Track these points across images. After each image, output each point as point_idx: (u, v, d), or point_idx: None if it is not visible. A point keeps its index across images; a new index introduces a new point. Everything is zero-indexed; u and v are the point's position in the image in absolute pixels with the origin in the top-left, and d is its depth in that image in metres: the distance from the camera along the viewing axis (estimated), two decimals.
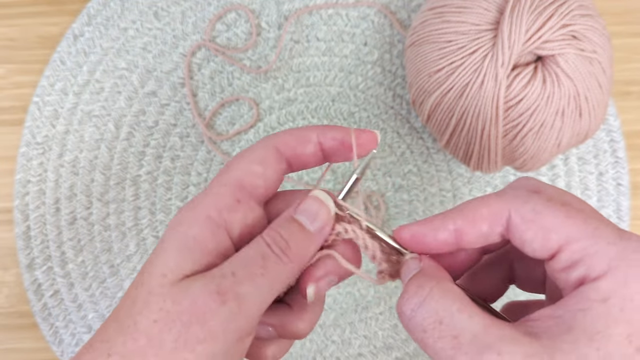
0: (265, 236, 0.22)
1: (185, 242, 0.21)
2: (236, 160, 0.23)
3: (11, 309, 0.47)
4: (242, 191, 0.23)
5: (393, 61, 0.47)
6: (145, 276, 0.21)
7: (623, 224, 0.46)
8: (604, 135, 0.46)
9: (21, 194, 0.47)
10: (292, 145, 0.24)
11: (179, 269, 0.21)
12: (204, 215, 0.22)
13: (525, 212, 0.20)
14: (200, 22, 0.48)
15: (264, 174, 0.23)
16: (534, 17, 0.35)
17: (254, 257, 0.21)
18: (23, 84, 0.48)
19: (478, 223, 0.21)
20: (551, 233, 0.20)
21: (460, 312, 0.19)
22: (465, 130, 0.38)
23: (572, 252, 0.19)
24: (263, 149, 0.23)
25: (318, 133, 0.24)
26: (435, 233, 0.22)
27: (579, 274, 0.19)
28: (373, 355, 0.45)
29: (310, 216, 0.23)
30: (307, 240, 0.22)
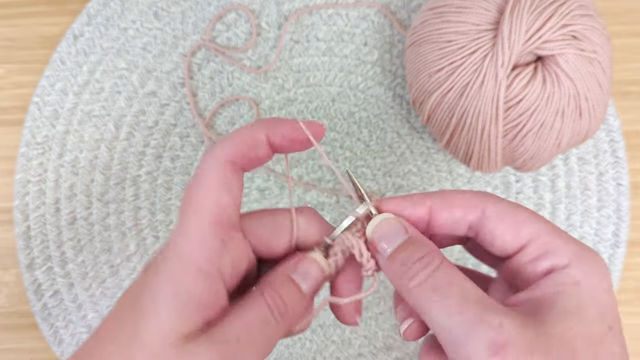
0: (267, 297, 0.22)
1: (180, 299, 0.21)
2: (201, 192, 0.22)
3: (11, 309, 0.47)
4: (222, 228, 0.22)
5: (393, 61, 0.47)
6: (141, 330, 0.20)
7: (623, 224, 0.46)
8: (604, 135, 0.46)
9: (21, 194, 0.47)
10: (243, 152, 0.23)
11: (178, 330, 0.20)
12: (195, 269, 0.21)
13: (500, 207, 0.23)
14: (200, 22, 0.48)
15: (233, 198, 0.22)
16: (534, 17, 0.35)
17: (256, 323, 0.22)
18: (23, 84, 0.48)
19: (454, 207, 0.23)
20: (522, 226, 0.22)
21: (467, 280, 0.21)
22: (465, 130, 0.38)
23: (541, 243, 0.22)
24: (219, 170, 0.22)
25: (267, 132, 0.23)
26: (414, 207, 0.23)
27: (547, 264, 0.21)
28: (373, 355, 0.45)
29: (306, 280, 0.23)
30: (302, 301, 0.23)
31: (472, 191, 0.24)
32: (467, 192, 0.23)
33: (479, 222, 0.23)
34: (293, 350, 0.46)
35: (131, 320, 0.21)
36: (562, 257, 0.21)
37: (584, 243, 0.22)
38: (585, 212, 0.46)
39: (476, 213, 0.23)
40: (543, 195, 0.46)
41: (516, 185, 0.46)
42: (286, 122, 0.23)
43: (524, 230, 0.22)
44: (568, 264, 0.21)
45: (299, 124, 0.23)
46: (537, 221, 0.22)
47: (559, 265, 0.21)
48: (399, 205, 0.24)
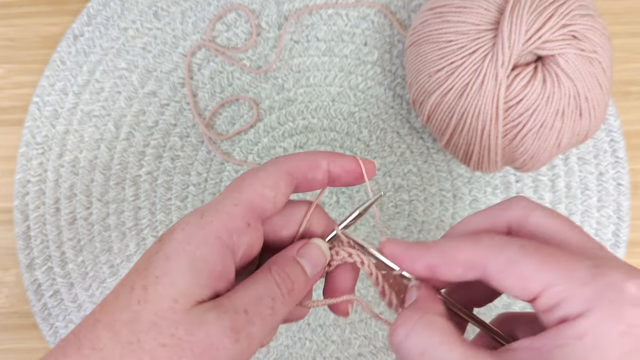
0: (275, 274, 0.23)
1: (195, 264, 0.21)
2: (249, 180, 0.24)
3: (11, 309, 0.47)
4: (252, 214, 0.23)
5: (393, 61, 0.47)
6: (150, 293, 0.20)
7: (623, 224, 0.46)
8: (604, 135, 0.46)
9: (21, 194, 0.47)
10: (303, 171, 0.25)
11: (191, 294, 0.21)
12: (214, 236, 0.22)
13: (500, 263, 0.21)
14: (200, 22, 0.48)
15: (274, 198, 0.24)
16: (534, 17, 0.35)
17: (265, 297, 0.22)
18: (23, 84, 0.48)
19: (453, 266, 0.22)
20: (528, 282, 0.21)
21: (441, 345, 0.20)
22: (465, 130, 0.38)
23: (550, 297, 0.20)
24: (276, 173, 0.24)
25: (328, 160, 0.25)
26: (412, 262, 0.23)
27: (559, 314, 0.20)
28: (373, 355, 0.45)
29: (310, 262, 0.25)
30: (306, 283, 0.24)
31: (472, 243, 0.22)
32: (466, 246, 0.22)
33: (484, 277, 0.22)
34: (293, 351, 0.46)
35: (140, 283, 0.21)
36: (574, 307, 0.20)
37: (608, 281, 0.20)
38: (586, 212, 0.46)
39: (477, 272, 0.22)
40: (543, 195, 0.46)
41: (516, 185, 0.46)
42: (346, 156, 0.26)
43: (532, 284, 0.20)
44: (580, 314, 0.19)
45: (358, 159, 0.26)
46: (547, 270, 0.20)
47: (572, 315, 0.20)
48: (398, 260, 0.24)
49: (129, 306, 0.21)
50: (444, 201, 0.46)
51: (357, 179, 0.26)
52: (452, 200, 0.46)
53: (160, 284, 0.21)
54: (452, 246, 0.23)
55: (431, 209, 0.46)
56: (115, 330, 0.20)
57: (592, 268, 0.20)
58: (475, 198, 0.46)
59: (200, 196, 0.47)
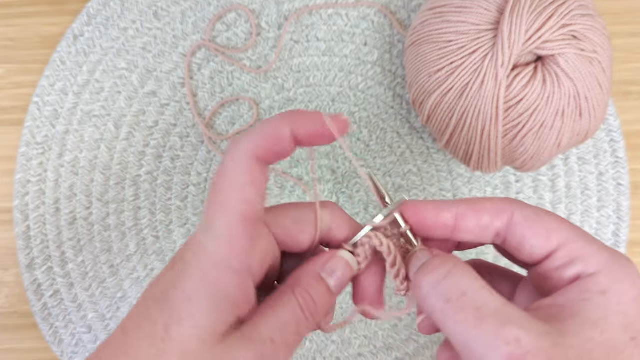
0: (298, 297, 0.22)
1: (215, 298, 0.21)
2: (227, 188, 0.21)
3: (11, 309, 0.47)
4: (250, 225, 0.21)
5: (393, 61, 0.47)
6: (173, 331, 0.20)
7: (623, 224, 0.46)
8: (604, 135, 0.46)
9: (21, 194, 0.47)
10: (269, 147, 0.22)
11: (214, 329, 0.20)
12: (226, 267, 0.21)
13: (528, 212, 0.22)
14: (200, 22, 0.48)
15: (259, 192, 0.22)
16: (534, 17, 0.35)
17: (289, 323, 0.22)
18: (23, 84, 0.48)
19: (481, 212, 0.23)
20: (552, 232, 0.22)
21: (483, 289, 0.20)
22: (465, 130, 0.38)
23: (570, 250, 0.21)
24: (245, 164, 0.22)
25: (291, 126, 0.22)
26: (438, 212, 0.23)
27: (575, 270, 0.21)
28: (373, 355, 0.45)
29: (334, 277, 0.24)
30: (330, 299, 0.24)
31: (499, 198, 0.23)
32: (494, 199, 0.23)
33: (507, 227, 0.23)
34: None
35: (162, 318, 0.20)
36: (591, 264, 0.21)
37: (617, 250, 0.21)
38: (586, 212, 0.46)
39: (504, 218, 0.23)
40: (543, 195, 0.46)
41: (516, 185, 0.46)
42: (311, 116, 0.23)
43: (553, 237, 0.22)
44: (597, 271, 0.21)
45: (324, 117, 0.22)
46: (567, 228, 0.22)
47: (587, 273, 0.21)
48: (423, 210, 0.23)
49: (153, 344, 0.20)
50: None
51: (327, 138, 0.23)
52: None
53: (184, 323, 0.20)
54: (480, 199, 0.23)
55: None
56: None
57: (603, 244, 0.22)
58: None
59: (200, 196, 0.47)
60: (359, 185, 0.46)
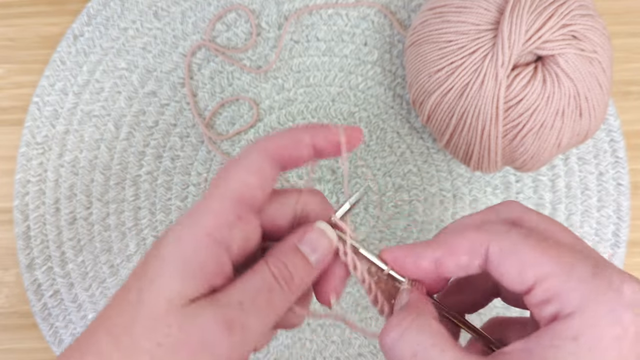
0: (271, 265, 0.22)
1: (187, 263, 0.21)
2: (233, 170, 0.23)
3: (11, 309, 0.47)
4: (242, 206, 0.22)
5: (393, 61, 0.47)
6: (145, 295, 0.21)
7: (623, 224, 0.46)
8: (604, 135, 0.46)
9: (21, 194, 0.47)
10: (286, 150, 0.23)
11: (185, 294, 0.21)
12: (204, 234, 0.21)
13: (503, 246, 0.21)
14: (200, 22, 0.48)
15: (261, 184, 0.23)
16: (534, 17, 0.35)
17: (261, 289, 0.22)
18: (23, 84, 0.48)
19: (457, 254, 0.22)
20: (527, 268, 0.20)
21: (434, 347, 0.20)
22: (465, 130, 0.38)
23: (546, 288, 0.20)
24: (258, 157, 0.23)
25: (311, 134, 0.24)
26: (416, 261, 0.23)
27: (552, 309, 0.20)
28: (373, 356, 0.45)
29: (314, 249, 0.23)
30: (309, 272, 0.23)
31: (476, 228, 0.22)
32: (470, 231, 0.22)
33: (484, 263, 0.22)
34: (293, 351, 0.46)
35: (136, 286, 0.21)
36: (568, 303, 0.19)
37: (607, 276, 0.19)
38: (586, 212, 0.46)
39: (481, 254, 0.22)
40: (543, 195, 0.46)
41: (516, 185, 0.46)
42: (326, 126, 0.24)
43: (529, 273, 0.20)
44: (572, 311, 0.19)
45: (341, 129, 0.24)
46: (547, 260, 0.20)
47: (563, 313, 0.19)
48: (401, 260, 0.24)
49: (126, 310, 0.21)
50: (444, 201, 0.46)
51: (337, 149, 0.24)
52: (452, 200, 0.46)
53: (155, 285, 0.21)
54: (455, 236, 0.22)
55: (431, 209, 0.46)
56: (114, 334, 0.20)
57: (593, 267, 0.20)
58: (475, 198, 0.46)
59: (200, 196, 0.47)
60: (359, 185, 0.46)
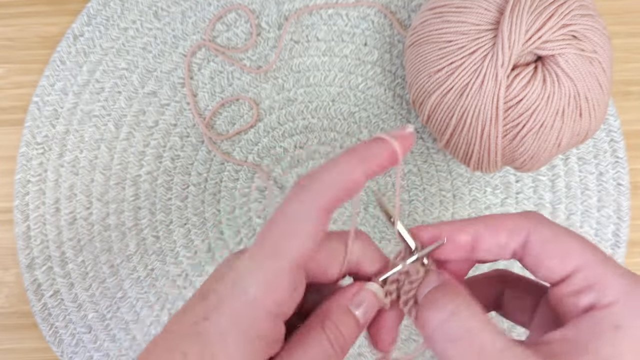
0: (327, 332, 0.22)
1: (249, 339, 0.20)
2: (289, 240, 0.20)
3: (11, 309, 0.47)
4: (298, 275, 0.21)
5: (393, 61, 0.47)
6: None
7: (623, 224, 0.46)
8: (604, 135, 0.46)
9: (21, 194, 0.47)
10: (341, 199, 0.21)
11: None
12: (264, 312, 0.20)
13: (545, 232, 0.21)
14: (200, 22, 0.48)
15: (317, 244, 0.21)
16: (534, 17, 0.35)
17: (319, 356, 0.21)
18: (23, 84, 0.48)
19: (498, 232, 0.22)
20: (568, 255, 0.21)
21: (485, 331, 0.20)
22: (465, 130, 0.38)
23: (586, 276, 0.20)
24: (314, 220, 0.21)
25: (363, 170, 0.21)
26: (456, 234, 0.23)
27: (589, 299, 0.20)
28: (373, 355, 0.45)
29: (364, 310, 0.23)
30: (358, 332, 0.23)
31: (519, 214, 0.22)
32: (513, 215, 0.22)
33: (523, 248, 0.22)
34: None
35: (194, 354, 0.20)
36: (608, 293, 0.19)
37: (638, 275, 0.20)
38: (586, 212, 0.46)
39: (520, 238, 0.22)
40: (543, 195, 0.46)
41: (516, 185, 0.46)
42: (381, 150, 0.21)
43: (569, 260, 0.20)
44: (612, 302, 0.19)
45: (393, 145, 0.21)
46: (587, 251, 0.21)
47: (602, 303, 0.19)
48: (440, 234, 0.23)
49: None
50: (444, 201, 0.46)
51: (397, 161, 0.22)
52: (452, 200, 0.46)
53: (219, 357, 0.20)
54: (496, 215, 0.23)
55: (431, 209, 0.46)
56: None
57: (625, 268, 0.20)
58: (475, 198, 0.46)
59: (200, 196, 0.47)
60: None
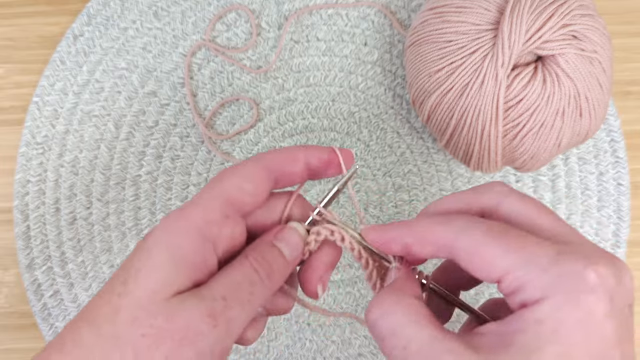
0: (251, 259, 0.24)
1: (175, 256, 0.22)
2: (227, 175, 0.24)
3: (11, 309, 0.47)
4: (230, 207, 0.24)
5: (393, 61, 0.47)
6: (130, 286, 0.21)
7: (623, 224, 0.46)
8: (604, 135, 0.46)
9: (21, 194, 0.47)
10: (281, 164, 0.25)
11: (170, 285, 0.21)
12: (193, 227, 0.22)
13: (466, 244, 0.22)
14: (200, 22, 0.48)
15: (253, 191, 0.24)
16: (534, 17, 0.35)
17: (243, 282, 0.23)
18: (23, 84, 0.48)
19: (425, 245, 0.23)
20: (490, 265, 0.21)
21: (411, 324, 0.21)
22: (465, 130, 0.38)
23: (510, 281, 0.21)
24: (253, 167, 0.24)
25: (305, 153, 0.26)
26: (389, 244, 0.24)
27: (520, 298, 0.21)
28: (373, 355, 0.45)
29: (287, 244, 0.25)
30: (285, 265, 0.25)
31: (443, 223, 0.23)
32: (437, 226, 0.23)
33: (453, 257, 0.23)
34: (293, 351, 0.46)
35: (122, 276, 0.22)
36: (533, 291, 0.20)
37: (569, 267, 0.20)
38: (586, 212, 0.46)
39: (446, 250, 0.23)
40: (543, 195, 0.46)
41: (516, 185, 0.46)
42: (321, 147, 0.26)
43: (495, 267, 0.21)
44: (538, 299, 0.20)
45: (335, 150, 0.26)
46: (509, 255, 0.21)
47: (530, 301, 0.20)
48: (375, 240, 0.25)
49: (110, 300, 0.21)
50: None
51: (335, 169, 0.27)
52: None
53: (140, 276, 0.21)
54: (425, 226, 0.24)
55: None
56: (96, 325, 0.21)
57: (555, 255, 0.20)
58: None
59: None
60: (358, 185, 0.46)
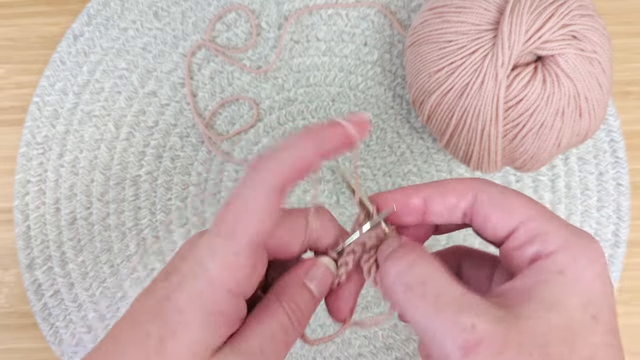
0: (286, 307, 0.23)
1: (210, 318, 0.21)
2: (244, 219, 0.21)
3: (11, 309, 0.47)
4: (256, 254, 0.22)
5: (393, 61, 0.47)
6: (169, 345, 0.20)
7: (623, 224, 0.46)
8: (604, 135, 0.46)
9: (21, 194, 0.47)
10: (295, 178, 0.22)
11: (208, 345, 0.21)
12: (224, 291, 0.21)
13: (492, 192, 0.23)
14: (200, 22, 0.48)
15: (273, 223, 0.22)
16: (533, 17, 0.35)
17: (278, 332, 0.22)
18: (23, 84, 0.48)
19: (447, 195, 0.23)
20: (513, 211, 0.22)
21: (443, 278, 0.21)
22: (465, 130, 0.38)
23: (530, 228, 0.21)
24: (267, 199, 0.21)
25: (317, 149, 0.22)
26: (407, 198, 0.24)
27: (534, 249, 0.21)
28: (373, 355, 0.45)
29: (319, 285, 0.24)
30: (314, 305, 0.24)
31: (466, 178, 0.24)
32: (460, 180, 0.24)
33: (472, 207, 0.23)
34: (293, 350, 0.46)
35: (156, 331, 0.20)
36: (550, 242, 0.21)
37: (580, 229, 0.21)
38: (585, 212, 0.46)
39: (469, 199, 0.23)
40: (543, 195, 0.46)
41: (516, 185, 0.46)
42: (335, 132, 0.22)
43: (514, 216, 0.22)
44: (555, 250, 0.20)
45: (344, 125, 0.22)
46: (530, 206, 0.22)
47: (545, 252, 0.21)
48: (392, 198, 0.24)
49: (146, 356, 0.20)
50: None
51: (353, 144, 0.22)
52: None
53: (178, 337, 0.20)
54: (446, 180, 0.24)
55: None
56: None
57: (567, 222, 0.22)
58: None
59: (200, 196, 0.47)
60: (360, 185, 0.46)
